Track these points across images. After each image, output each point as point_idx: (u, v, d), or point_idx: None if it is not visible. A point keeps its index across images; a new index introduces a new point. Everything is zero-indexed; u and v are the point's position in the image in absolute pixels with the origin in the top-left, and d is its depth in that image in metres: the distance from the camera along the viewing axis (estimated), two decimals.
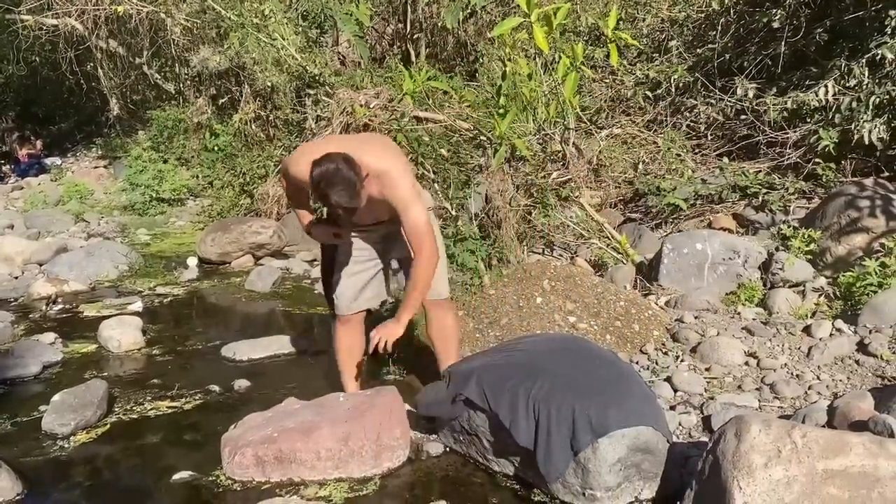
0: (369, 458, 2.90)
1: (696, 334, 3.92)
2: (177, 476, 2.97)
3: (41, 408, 3.54)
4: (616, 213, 5.94)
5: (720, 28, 6.65)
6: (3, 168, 12.28)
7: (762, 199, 5.34)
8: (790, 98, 5.66)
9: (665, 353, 3.81)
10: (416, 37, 7.91)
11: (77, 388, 3.55)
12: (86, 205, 9.35)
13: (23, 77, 12.80)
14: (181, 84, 10.02)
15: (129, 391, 3.84)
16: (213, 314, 5.43)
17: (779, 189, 5.37)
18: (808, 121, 5.68)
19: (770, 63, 6.16)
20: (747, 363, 3.65)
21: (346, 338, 3.37)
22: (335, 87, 6.57)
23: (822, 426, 2.85)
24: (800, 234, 4.54)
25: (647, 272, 4.76)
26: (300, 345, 4.37)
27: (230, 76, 8.84)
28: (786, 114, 5.75)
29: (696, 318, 4.17)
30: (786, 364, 3.59)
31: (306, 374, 4.03)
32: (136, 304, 5.32)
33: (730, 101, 6.08)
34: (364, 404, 3.05)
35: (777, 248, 4.65)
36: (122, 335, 4.47)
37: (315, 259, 6.09)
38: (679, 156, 6.04)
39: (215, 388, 3.86)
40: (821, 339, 3.76)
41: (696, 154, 6.25)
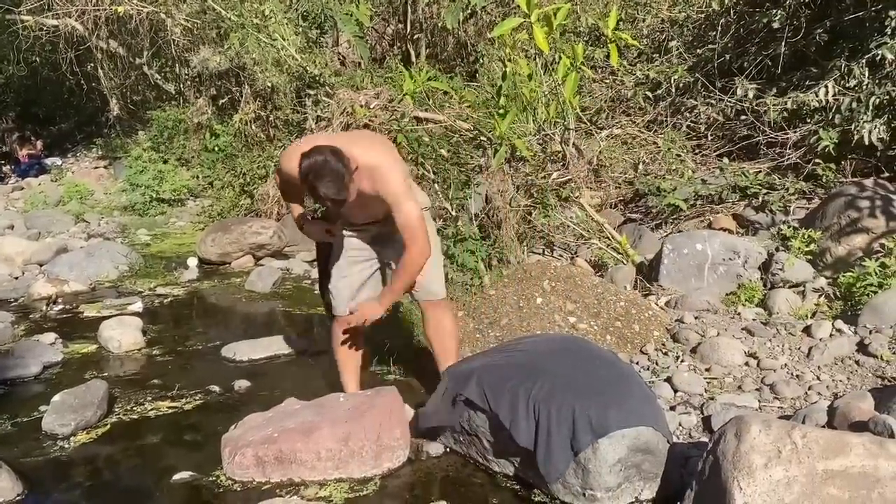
0: (369, 459, 2.90)
1: (696, 335, 3.92)
2: (177, 476, 2.97)
3: (41, 408, 3.54)
4: (616, 214, 5.94)
5: (720, 28, 6.65)
6: (4, 168, 12.29)
7: (762, 200, 5.34)
8: (790, 98, 5.66)
9: (665, 353, 3.81)
10: (416, 37, 7.91)
11: (77, 388, 3.55)
12: (86, 205, 9.35)
13: (23, 77, 12.83)
14: (181, 84, 10.02)
15: (130, 391, 3.84)
16: (214, 314, 5.43)
17: (779, 189, 5.37)
18: (809, 121, 5.68)
19: (770, 63, 6.16)
20: (747, 363, 3.65)
21: (345, 338, 3.37)
22: (335, 88, 6.57)
23: (823, 426, 2.85)
24: (800, 235, 4.54)
25: (648, 272, 4.76)
26: (300, 345, 4.37)
27: (230, 76, 8.84)
28: (786, 114, 5.75)
29: (696, 318, 4.17)
30: (786, 364, 3.59)
31: (306, 375, 4.03)
32: (137, 305, 5.32)
33: (730, 102, 6.09)
34: (364, 405, 3.06)
35: (777, 249, 4.65)
36: (123, 335, 4.47)
37: (315, 259, 6.09)
38: (679, 156, 6.04)
39: (215, 388, 3.87)
40: (821, 340, 3.76)
41: (696, 154, 6.25)
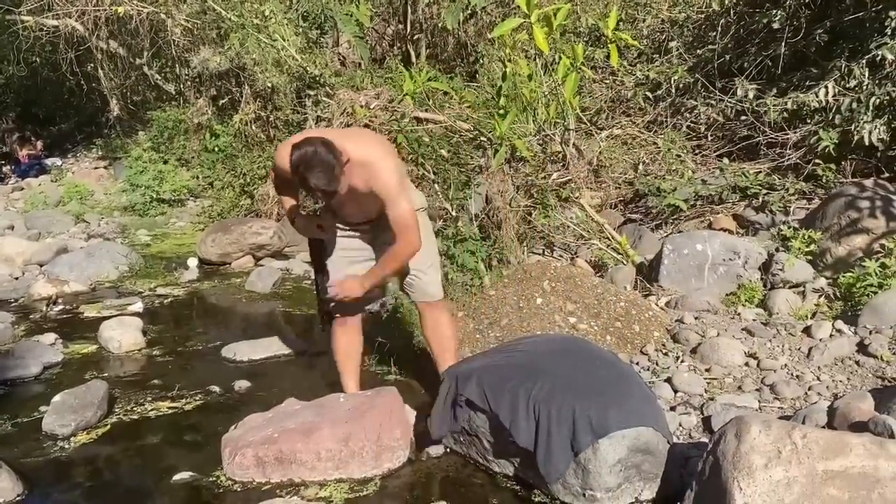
0: (370, 459, 2.90)
1: (696, 335, 3.92)
2: (177, 477, 2.97)
3: (41, 408, 3.55)
4: (616, 214, 5.93)
5: (720, 29, 6.66)
6: (4, 169, 12.29)
7: (762, 200, 5.34)
8: (790, 99, 5.66)
9: (665, 353, 3.81)
10: (416, 37, 7.91)
11: (77, 388, 3.55)
12: (86, 205, 9.35)
13: (23, 78, 12.82)
14: (181, 85, 10.02)
15: (130, 392, 3.84)
16: (214, 315, 5.43)
17: (779, 190, 5.37)
18: (809, 122, 5.68)
19: (770, 64, 6.16)
20: (747, 364, 3.65)
21: (344, 338, 3.38)
22: (335, 88, 6.58)
23: (823, 427, 2.85)
24: (800, 235, 4.54)
25: (648, 273, 4.76)
26: (300, 345, 4.37)
27: (230, 77, 8.83)
28: (786, 114, 5.74)
29: (696, 318, 4.17)
30: (786, 365, 3.59)
31: (306, 375, 4.03)
32: (137, 305, 5.32)
33: (730, 102, 6.08)
34: (364, 405, 3.06)
35: (777, 249, 4.65)
36: (123, 336, 4.48)
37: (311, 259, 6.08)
38: (679, 156, 6.04)
39: (216, 388, 3.87)
40: (821, 340, 3.76)
41: (696, 155, 6.25)
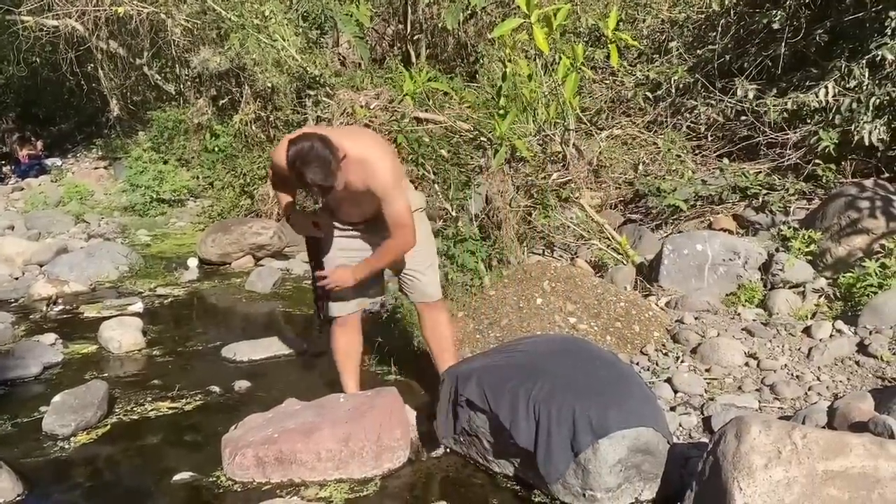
0: (370, 459, 2.90)
1: (696, 335, 3.92)
2: (177, 477, 2.97)
3: (42, 409, 3.55)
4: (616, 214, 5.93)
5: (720, 29, 6.65)
6: (4, 169, 12.30)
7: (762, 200, 5.34)
8: (790, 99, 5.66)
9: (665, 354, 3.81)
10: (416, 38, 7.91)
11: (77, 388, 3.55)
12: (86, 206, 9.36)
13: (23, 78, 12.82)
14: (181, 85, 10.02)
15: (130, 392, 3.84)
16: (214, 315, 5.43)
17: (779, 190, 5.37)
18: (809, 122, 5.68)
19: (770, 64, 6.16)
20: (747, 364, 3.65)
21: (343, 338, 3.38)
22: (336, 88, 6.58)
23: (823, 427, 2.85)
24: (800, 235, 4.54)
25: (648, 273, 4.76)
26: (300, 345, 4.37)
27: (230, 77, 8.83)
28: (786, 115, 5.74)
29: (696, 318, 4.17)
30: (786, 365, 3.59)
31: (307, 375, 4.03)
32: (137, 305, 5.32)
33: (730, 102, 6.08)
34: (364, 405, 3.06)
35: (777, 249, 4.65)
36: (123, 336, 4.48)
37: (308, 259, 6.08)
38: (679, 157, 6.04)
39: (216, 388, 3.87)
40: (821, 340, 3.76)
41: (696, 155, 6.25)
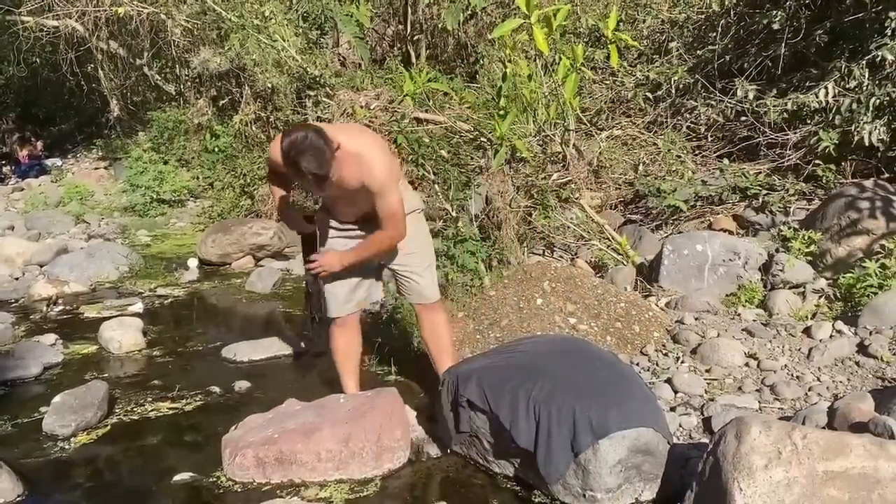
0: (370, 460, 2.91)
1: (696, 336, 3.92)
2: (177, 477, 2.97)
3: (42, 409, 3.55)
4: (616, 215, 5.93)
5: (720, 29, 6.65)
6: (4, 169, 12.30)
7: (762, 201, 5.33)
8: (790, 99, 5.66)
9: (665, 354, 3.81)
10: (416, 38, 7.91)
11: (77, 389, 3.55)
12: (86, 206, 9.36)
13: (23, 78, 12.83)
14: (182, 85, 10.02)
15: (130, 392, 3.84)
16: (214, 315, 5.43)
17: (779, 190, 5.36)
18: (809, 122, 5.68)
19: (770, 64, 6.16)
20: (747, 364, 3.65)
21: (342, 339, 3.38)
22: (336, 89, 6.58)
23: (823, 428, 2.85)
24: (800, 236, 4.54)
25: (648, 273, 4.76)
26: (300, 346, 4.37)
27: (231, 77, 8.83)
28: (786, 115, 5.74)
29: (696, 319, 4.17)
30: (786, 365, 3.59)
31: (307, 376, 4.03)
32: (137, 306, 5.32)
33: (730, 103, 6.08)
34: (364, 405, 3.06)
35: (777, 250, 4.65)
36: (123, 336, 4.48)
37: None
38: (679, 157, 6.04)
39: (216, 389, 3.87)
40: (821, 341, 3.76)
41: (696, 155, 6.25)
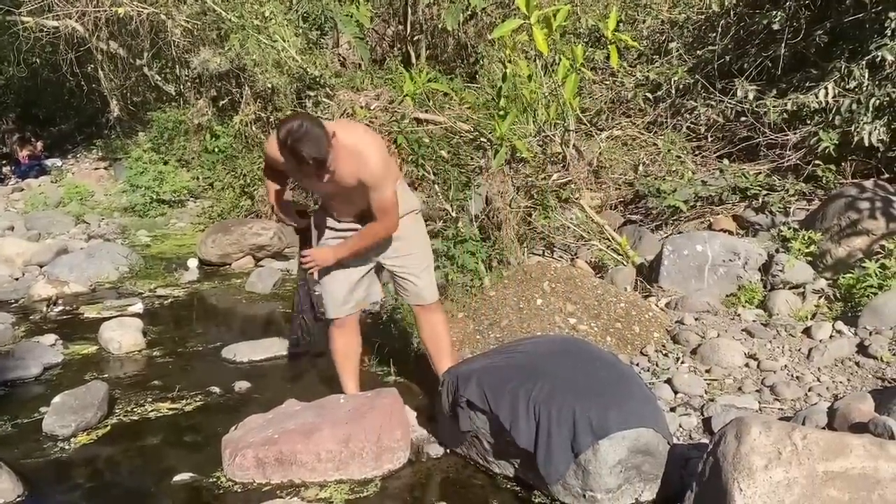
0: (370, 460, 2.91)
1: (696, 336, 3.92)
2: (177, 478, 2.97)
3: (42, 409, 3.55)
4: (616, 215, 5.93)
5: (720, 30, 6.65)
6: (4, 169, 12.30)
7: (762, 201, 5.33)
8: (790, 100, 5.66)
9: (665, 354, 3.81)
10: (416, 38, 7.91)
11: (77, 389, 3.55)
12: (86, 206, 9.36)
13: (23, 78, 12.84)
14: (182, 85, 10.02)
15: (130, 393, 3.84)
16: (214, 316, 5.43)
17: (779, 191, 5.36)
18: (809, 122, 5.68)
19: (770, 65, 6.16)
20: (747, 365, 3.65)
21: (341, 340, 3.38)
22: (336, 89, 6.58)
23: (823, 428, 2.85)
24: (800, 236, 4.54)
25: (648, 274, 4.76)
26: (299, 346, 4.36)
27: (231, 78, 8.83)
28: (786, 115, 5.74)
29: (696, 319, 4.17)
30: (786, 366, 3.59)
31: (307, 376, 4.04)
32: (137, 306, 5.32)
33: (730, 103, 6.08)
34: (364, 406, 3.06)
35: (777, 250, 4.65)
36: (123, 337, 4.48)
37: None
38: (679, 157, 6.04)
39: (216, 389, 3.87)
40: (821, 341, 3.76)
41: (696, 156, 6.25)
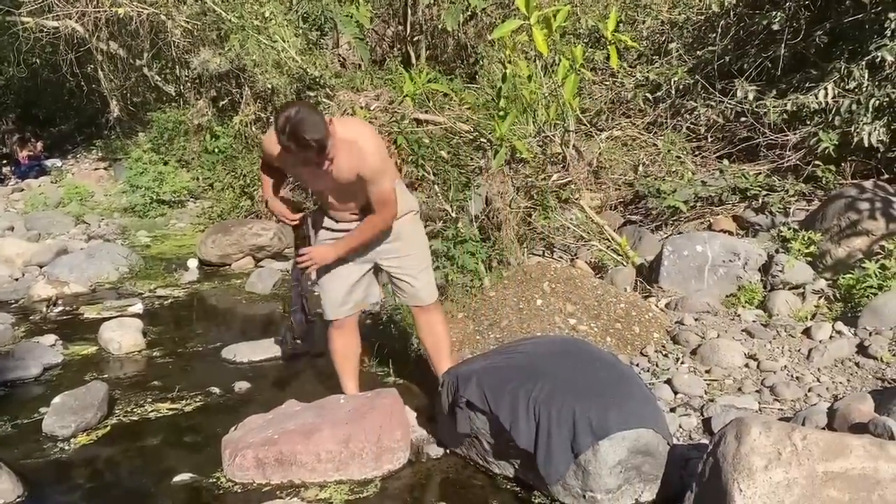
0: (370, 460, 2.91)
1: (696, 336, 3.92)
2: (177, 478, 2.97)
3: (42, 410, 3.55)
4: (616, 215, 5.93)
5: (720, 30, 6.65)
6: (4, 169, 12.31)
7: (762, 201, 5.33)
8: (790, 100, 5.65)
9: (665, 355, 3.81)
10: (416, 39, 7.91)
11: (77, 390, 3.55)
12: (86, 206, 9.36)
13: (23, 79, 12.85)
14: (181, 86, 10.03)
15: (130, 393, 3.84)
16: (214, 316, 5.43)
17: (779, 191, 5.36)
18: (808, 123, 5.67)
19: (770, 65, 6.16)
20: (747, 365, 3.65)
21: (341, 340, 3.39)
22: (336, 89, 6.57)
23: (823, 428, 2.85)
24: (800, 237, 4.54)
25: (648, 274, 4.76)
26: (300, 346, 4.37)
27: (230, 78, 8.84)
28: (786, 116, 5.74)
29: (696, 320, 4.17)
30: (786, 366, 3.59)
31: (307, 376, 4.03)
32: (137, 306, 5.32)
33: (730, 104, 6.08)
34: (364, 406, 3.06)
35: (777, 251, 4.65)
36: (123, 337, 4.48)
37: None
38: (679, 158, 6.04)
39: (216, 389, 3.87)
40: (821, 342, 3.76)
41: (696, 156, 6.25)
